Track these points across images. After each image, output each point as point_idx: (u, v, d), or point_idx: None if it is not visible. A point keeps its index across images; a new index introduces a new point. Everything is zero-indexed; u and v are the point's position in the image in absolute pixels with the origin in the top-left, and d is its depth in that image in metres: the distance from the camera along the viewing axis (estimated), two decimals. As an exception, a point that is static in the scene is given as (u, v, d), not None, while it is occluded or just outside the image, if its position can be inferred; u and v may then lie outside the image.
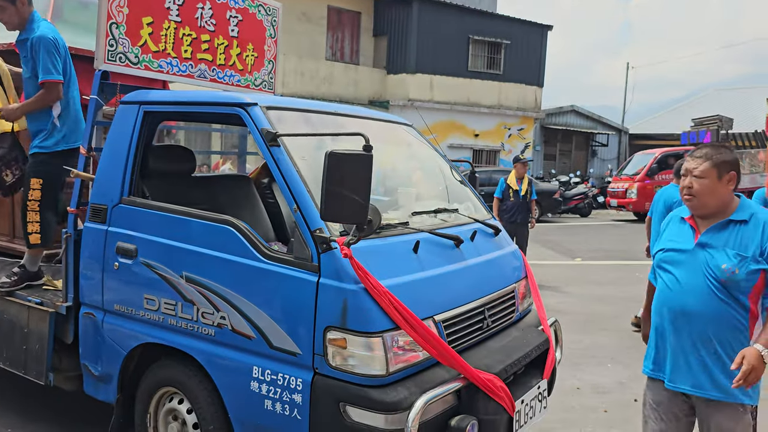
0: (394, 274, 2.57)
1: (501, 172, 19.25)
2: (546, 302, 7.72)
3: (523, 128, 24.45)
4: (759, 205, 2.44)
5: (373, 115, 3.65)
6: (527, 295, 3.54)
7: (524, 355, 2.93)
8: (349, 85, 21.47)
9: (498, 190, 8.87)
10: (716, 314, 2.37)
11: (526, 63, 24.08)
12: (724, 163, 2.42)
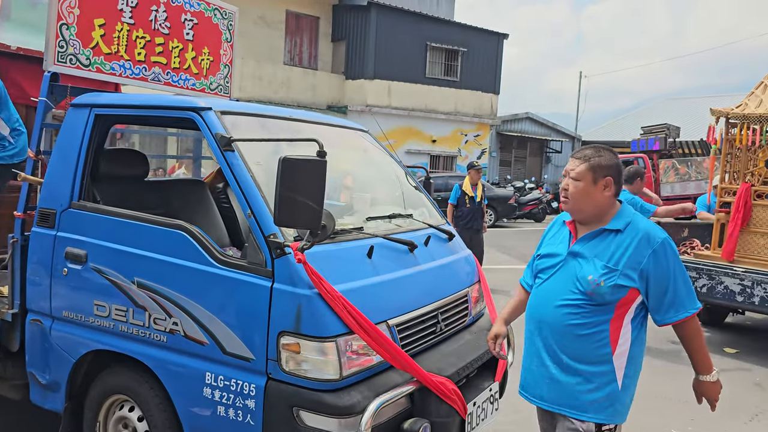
0: (348, 278, 2.59)
1: (458, 178, 19.50)
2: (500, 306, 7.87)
3: (480, 135, 24.81)
4: (637, 212, 2.32)
5: (329, 121, 3.68)
6: (480, 299, 3.61)
7: (476, 358, 2.99)
8: (307, 90, 21.41)
9: (453, 197, 8.95)
10: (576, 328, 2.22)
11: (482, 70, 24.45)
12: (600, 167, 2.25)
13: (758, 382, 5.35)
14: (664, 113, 31.16)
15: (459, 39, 23.69)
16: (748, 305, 5.89)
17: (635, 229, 2.22)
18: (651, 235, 2.20)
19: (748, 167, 6.24)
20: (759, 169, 6.19)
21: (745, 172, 6.24)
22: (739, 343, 6.55)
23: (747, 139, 6.08)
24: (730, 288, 5.90)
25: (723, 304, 6.29)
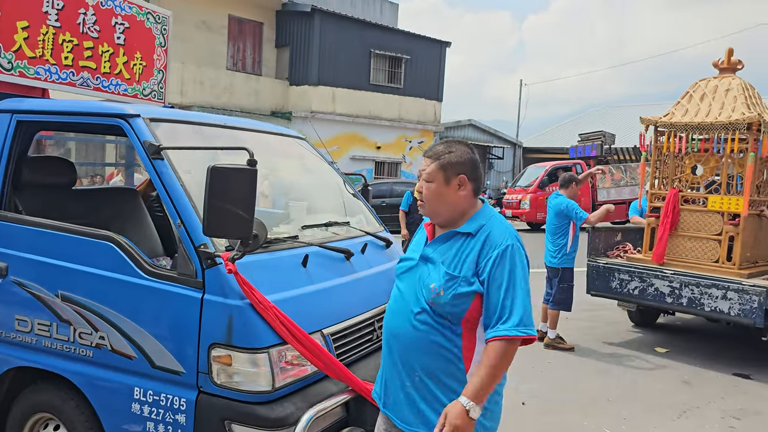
0: (281, 288, 2.56)
1: (403, 184, 19.65)
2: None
3: (423, 141, 25.04)
4: (497, 215, 2.12)
5: (265, 128, 3.63)
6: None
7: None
8: (250, 96, 21.16)
9: (404, 203, 8.96)
10: (422, 341, 2.02)
11: (425, 78, 24.72)
12: (451, 164, 2.07)
13: (687, 380, 5.56)
14: (600, 121, 32.23)
15: (402, 46, 23.90)
16: (677, 306, 6.13)
17: (485, 232, 2.03)
18: (497, 238, 2.00)
19: (675, 173, 6.51)
20: (686, 176, 6.46)
21: (673, 178, 6.50)
22: (670, 342, 6.80)
23: (674, 146, 6.35)
24: (660, 290, 6.12)
25: (654, 306, 6.52)
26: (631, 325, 7.49)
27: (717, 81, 6.38)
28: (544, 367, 5.78)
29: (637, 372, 5.76)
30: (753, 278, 5.81)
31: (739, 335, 6.98)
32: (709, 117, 6.07)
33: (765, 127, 5.91)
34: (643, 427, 4.48)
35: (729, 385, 5.47)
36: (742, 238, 5.97)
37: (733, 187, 6.14)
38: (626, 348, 6.54)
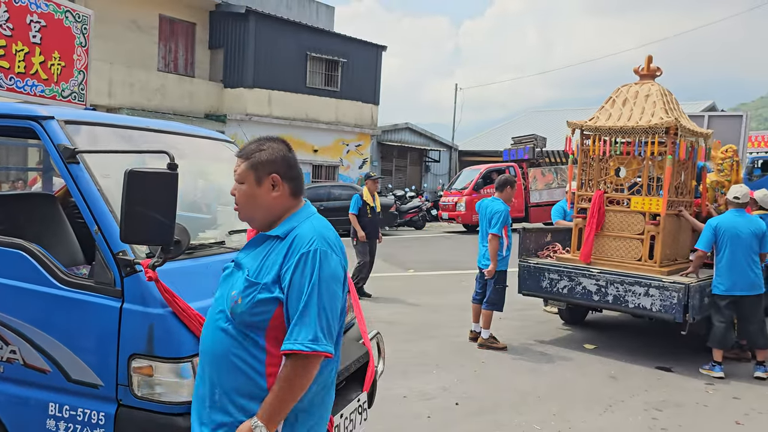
0: (207, 295, 2.48)
1: (340, 188, 19.62)
2: (378, 314, 7.96)
3: (361, 144, 25.09)
4: (316, 216, 1.96)
5: (192, 132, 3.55)
6: (349, 309, 3.61)
7: (343, 369, 2.98)
8: (183, 98, 20.65)
9: (354, 207, 8.98)
10: (224, 354, 1.86)
11: (362, 81, 24.77)
12: (262, 163, 1.91)
13: (613, 375, 5.77)
14: (533, 124, 33.12)
15: (339, 49, 23.88)
16: (604, 303, 6.35)
17: (294, 234, 1.86)
18: (302, 241, 1.83)
19: (601, 176, 6.75)
20: (610, 178, 6.71)
21: (599, 180, 6.74)
22: (598, 339, 7.04)
23: (599, 149, 6.58)
24: (588, 288, 6.33)
25: (582, 304, 6.73)
26: (562, 323, 7.71)
27: (638, 87, 6.66)
28: (478, 366, 5.87)
29: (567, 368, 5.93)
30: (672, 275, 6.09)
31: (661, 330, 7.29)
32: (631, 121, 6.32)
33: (682, 131, 6.20)
34: (572, 422, 4.61)
35: (652, 378, 5.70)
36: (662, 237, 6.24)
37: (654, 188, 6.42)
38: (556, 345, 6.73)
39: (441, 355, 6.24)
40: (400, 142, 28.87)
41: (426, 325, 7.46)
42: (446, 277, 11.21)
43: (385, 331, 6.83)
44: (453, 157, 31.90)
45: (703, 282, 5.98)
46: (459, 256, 13.35)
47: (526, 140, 21.46)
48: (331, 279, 1.83)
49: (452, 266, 12.15)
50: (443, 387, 5.26)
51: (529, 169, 20.21)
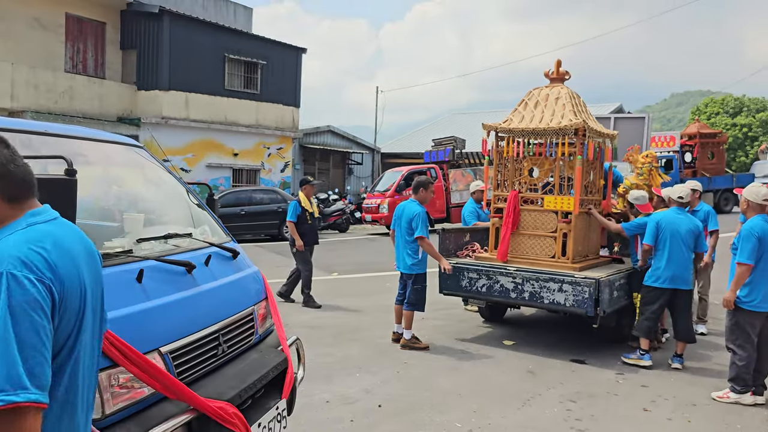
0: (111, 307, 2.37)
1: (262, 192, 19.34)
2: (302, 318, 7.88)
3: (282, 147, 24.83)
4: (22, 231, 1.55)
5: (96, 136, 3.38)
6: (267, 316, 3.56)
7: (261, 377, 2.93)
8: (93, 100, 19.77)
9: (293, 214, 8.74)
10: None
11: (282, 83, 24.53)
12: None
13: (530, 370, 5.95)
14: (453, 126, 33.81)
15: (258, 51, 23.54)
16: (521, 300, 6.54)
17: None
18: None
19: (515, 176, 6.96)
20: (524, 178, 6.93)
21: (513, 180, 6.95)
22: (516, 335, 7.25)
23: (513, 151, 6.78)
24: (505, 286, 6.50)
25: (500, 301, 6.90)
26: (482, 321, 7.90)
27: (548, 90, 6.91)
28: (401, 367, 5.91)
29: (487, 365, 6.07)
30: (584, 271, 6.35)
31: (575, 324, 7.58)
32: (542, 123, 6.56)
33: (589, 132, 6.49)
34: (492, 418, 4.72)
35: (567, 371, 5.93)
36: (574, 235, 6.50)
37: (565, 187, 6.68)
38: (477, 343, 6.88)
39: (364, 357, 6.24)
40: (323, 144, 28.79)
41: (350, 328, 7.45)
42: (370, 279, 11.25)
43: (308, 336, 6.84)
44: (376, 159, 32.10)
45: (612, 276, 6.27)
46: (383, 258, 13.42)
47: (446, 142, 21.86)
48: (15, 311, 1.40)
49: (376, 268, 12.20)
50: (366, 389, 5.26)
51: (450, 171, 20.60)
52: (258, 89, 23.70)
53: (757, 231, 5.08)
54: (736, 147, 49.07)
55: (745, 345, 5.13)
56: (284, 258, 13.48)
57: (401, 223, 6.56)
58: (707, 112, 52.76)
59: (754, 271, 5.08)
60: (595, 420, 4.73)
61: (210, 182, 21.86)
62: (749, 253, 5.06)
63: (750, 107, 52.40)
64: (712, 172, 24.68)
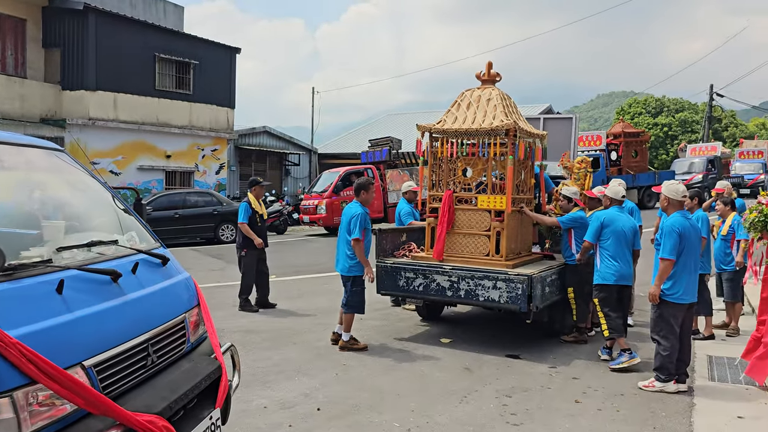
0: (28, 321, 2.27)
1: (197, 194, 18.90)
2: (239, 323, 7.75)
3: (217, 149, 24.32)
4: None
5: (12, 140, 3.21)
6: (200, 324, 3.47)
7: (193, 387, 2.86)
8: (14, 100, 18.84)
9: (244, 216, 8.53)
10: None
11: (216, 84, 24.04)
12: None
13: (467, 366, 6.04)
14: (389, 127, 33.98)
15: (190, 51, 22.99)
16: (457, 298, 6.63)
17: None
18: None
19: (450, 176, 7.05)
20: (458, 178, 7.04)
21: (448, 180, 7.04)
22: (453, 333, 7.35)
23: (447, 151, 6.87)
24: (441, 284, 6.58)
25: (437, 300, 6.99)
26: (420, 320, 7.96)
27: (480, 91, 7.04)
28: (339, 369, 5.89)
29: (424, 364, 6.12)
30: (517, 268, 6.50)
31: (509, 320, 7.75)
32: (475, 124, 6.67)
33: (520, 133, 6.64)
34: (430, 416, 4.76)
35: (503, 367, 6.05)
36: (507, 233, 6.64)
37: (498, 187, 6.82)
38: (415, 342, 6.93)
39: (303, 360, 6.19)
40: (259, 146, 28.39)
41: (288, 331, 7.37)
42: (309, 281, 11.17)
43: (246, 341, 6.73)
44: (313, 160, 31.89)
45: (544, 273, 6.44)
46: (321, 259, 13.35)
47: (382, 142, 21.95)
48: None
49: (315, 270, 12.13)
50: (305, 393, 5.21)
51: (387, 171, 20.69)
52: (191, 89, 23.15)
53: (678, 227, 5.32)
54: (658, 145, 51.45)
55: (668, 336, 5.36)
56: (220, 262, 13.21)
57: (344, 224, 6.53)
58: (631, 112, 55.09)
59: (675, 266, 5.31)
60: (529, 414, 4.84)
61: (142, 185, 21.22)
62: (671, 248, 5.29)
63: (670, 107, 55.08)
64: (636, 169, 25.73)
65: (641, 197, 25.00)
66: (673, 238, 5.30)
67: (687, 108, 55.29)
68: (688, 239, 5.36)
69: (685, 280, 5.35)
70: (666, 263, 5.32)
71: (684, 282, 5.35)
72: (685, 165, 27.76)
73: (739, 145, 37.94)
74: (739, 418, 4.75)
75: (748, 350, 5.82)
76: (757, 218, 5.61)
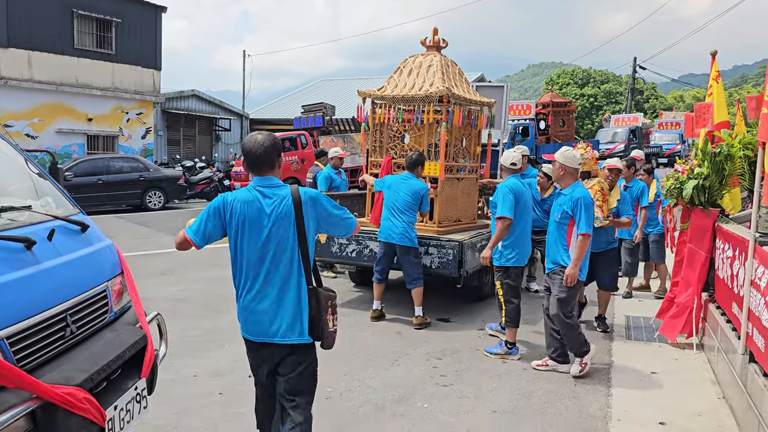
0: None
1: (122, 160, 18.17)
2: (168, 292, 7.56)
3: (143, 112, 23.36)
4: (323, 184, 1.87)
5: None
6: (123, 292, 3.35)
7: (116, 357, 2.76)
8: None
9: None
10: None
11: (140, 44, 22.96)
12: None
13: (399, 331, 6.13)
14: (322, 93, 33.56)
15: (111, 8, 21.80)
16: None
17: None
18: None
19: (389, 142, 7.05)
20: (397, 144, 7.05)
21: (388, 146, 7.04)
22: (385, 297, 7.36)
23: (385, 117, 6.86)
24: (374, 250, 6.61)
25: (370, 266, 7.01)
26: (353, 286, 8.00)
27: (423, 58, 7.04)
28: (271, 336, 5.85)
29: (357, 329, 6.17)
30: (449, 234, 6.59)
31: (441, 285, 7.89)
32: (412, 91, 6.67)
33: (455, 99, 6.67)
34: (361, 380, 4.82)
35: (433, 330, 6.17)
36: (440, 200, 6.71)
37: (434, 154, 6.86)
38: (348, 308, 6.96)
39: (235, 329, 5.95)
40: (187, 110, 27.48)
41: (218, 298, 7.25)
42: (240, 248, 10.98)
43: (175, 310, 6.58)
44: (245, 125, 31.18)
45: (474, 239, 6.57)
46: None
47: (315, 108, 21.65)
48: None
49: (246, 237, 11.93)
50: (236, 361, 5.16)
51: (320, 137, 20.46)
52: (113, 49, 22.03)
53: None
54: (584, 115, 53.13)
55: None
56: (147, 229, 12.81)
57: (404, 197, 6.35)
58: (559, 82, 56.52)
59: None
60: (459, 375, 4.97)
61: (61, 149, 20.21)
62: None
63: (596, 79, 56.82)
64: (563, 138, 26.45)
65: (568, 165, 25.74)
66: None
67: (612, 80, 57.19)
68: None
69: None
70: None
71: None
72: (609, 135, 28.75)
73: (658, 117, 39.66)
74: (653, 373, 5.04)
75: (662, 310, 6.17)
76: (673, 185, 5.88)
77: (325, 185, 8.15)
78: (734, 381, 4.13)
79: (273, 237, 2.92)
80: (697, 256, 5.66)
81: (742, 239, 4.30)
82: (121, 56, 22.29)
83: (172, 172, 18.98)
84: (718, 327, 4.87)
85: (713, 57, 6.28)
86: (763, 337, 3.51)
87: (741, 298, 4.11)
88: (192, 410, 4.25)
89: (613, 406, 4.40)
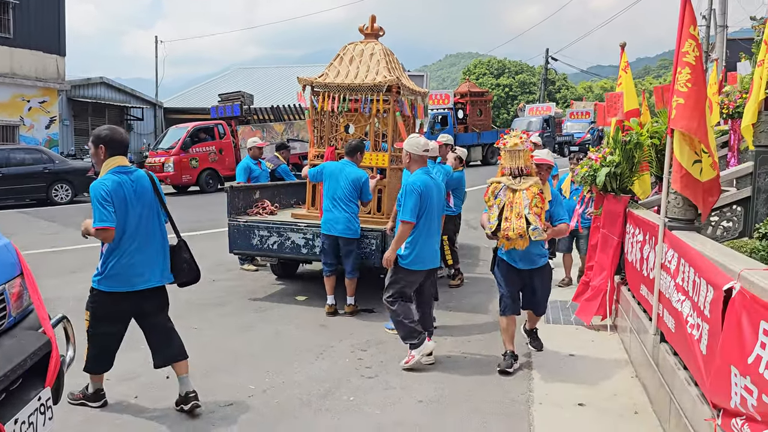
0: None
1: (23, 151, 17.06)
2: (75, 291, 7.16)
3: (46, 101, 22.04)
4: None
5: None
6: (23, 294, 3.10)
7: (15, 366, 2.55)
8: None
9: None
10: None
11: (42, 27, 21.62)
12: None
13: (323, 323, 6.05)
14: (240, 81, 32.70)
15: (7, -12, 20.40)
16: (312, 255, 6.59)
17: None
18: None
19: (332, 132, 6.93)
20: (340, 134, 6.95)
21: (330, 136, 6.91)
22: (309, 290, 7.31)
23: (328, 106, 6.73)
24: (296, 242, 6.49)
25: (292, 258, 6.90)
26: (275, 278, 7.84)
27: (363, 45, 6.97)
28: (190, 333, 5.61)
29: (280, 323, 6.05)
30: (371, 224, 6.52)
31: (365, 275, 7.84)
32: (357, 79, 6.60)
33: (404, 90, 6.64)
34: (285, 375, 4.72)
35: (358, 322, 6.13)
36: (388, 190, 6.67)
37: (379, 144, 6.83)
38: (270, 301, 6.82)
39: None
40: (96, 98, 26.15)
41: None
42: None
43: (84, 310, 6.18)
44: (158, 114, 30.02)
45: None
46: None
47: (233, 97, 21.09)
48: None
49: (161, 231, 11.47)
50: (150, 361, 4.91)
51: (238, 127, 19.97)
52: (11, 33, 20.61)
53: (419, 186, 4.80)
54: (500, 105, 54.60)
55: (400, 301, 4.97)
56: (54, 224, 12.08)
57: (346, 186, 6.17)
58: (476, 72, 57.77)
59: (414, 229, 4.81)
60: (384, 365, 4.96)
61: (-46, 141, 18.75)
62: (411, 210, 4.76)
63: (511, 69, 58.48)
64: (480, 127, 27.11)
65: (485, 153, 26.51)
66: (413, 197, 4.75)
67: (525, 70, 59.01)
68: (430, 199, 4.84)
69: (421, 244, 4.86)
70: (406, 226, 4.78)
71: (420, 247, 4.85)
72: (524, 123, 29.66)
73: (570, 106, 41.25)
74: (571, 356, 5.21)
75: (578, 293, 6.39)
76: (587, 173, 6.08)
77: (243, 176, 7.95)
78: (647, 361, 4.32)
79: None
80: (609, 240, 5.89)
81: (652, 224, 4.49)
82: (21, 40, 20.91)
83: (79, 163, 18.02)
84: (630, 308, 5.08)
85: (623, 48, 6.53)
86: (673, 318, 3.67)
87: (650, 281, 4.30)
88: (102, 417, 4.02)
89: (535, 389, 4.51)
